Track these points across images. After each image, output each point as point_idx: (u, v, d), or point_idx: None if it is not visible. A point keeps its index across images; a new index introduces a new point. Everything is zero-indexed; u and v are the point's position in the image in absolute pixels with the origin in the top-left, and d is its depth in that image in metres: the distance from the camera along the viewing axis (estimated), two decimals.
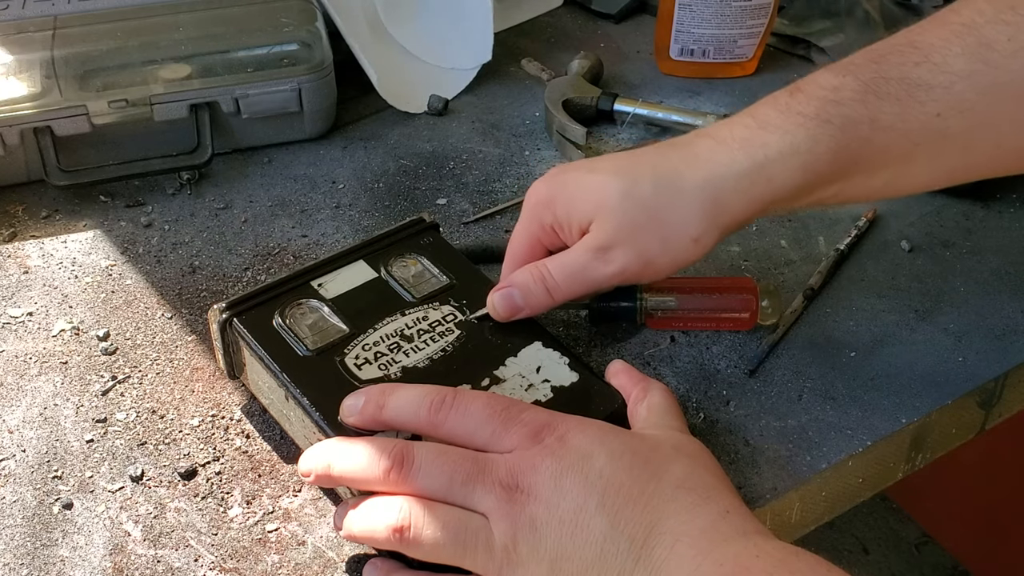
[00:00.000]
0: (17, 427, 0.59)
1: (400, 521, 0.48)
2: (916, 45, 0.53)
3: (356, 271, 0.61)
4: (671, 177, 0.55)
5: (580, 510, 0.46)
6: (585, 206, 0.57)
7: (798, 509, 0.58)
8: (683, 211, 0.55)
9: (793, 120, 0.54)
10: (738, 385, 0.62)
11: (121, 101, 0.75)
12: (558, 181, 0.59)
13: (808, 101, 0.54)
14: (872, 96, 0.53)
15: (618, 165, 0.57)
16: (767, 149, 0.54)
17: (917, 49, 0.52)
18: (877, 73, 0.53)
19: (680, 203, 0.55)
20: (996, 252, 0.71)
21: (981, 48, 0.51)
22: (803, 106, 0.54)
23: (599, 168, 0.58)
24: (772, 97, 0.56)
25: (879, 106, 0.53)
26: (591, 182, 0.57)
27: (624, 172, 0.56)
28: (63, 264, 0.70)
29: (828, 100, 0.53)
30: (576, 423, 0.50)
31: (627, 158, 0.58)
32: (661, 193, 0.55)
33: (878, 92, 0.53)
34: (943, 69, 0.52)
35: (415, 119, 0.85)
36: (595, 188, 0.56)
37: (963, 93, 0.52)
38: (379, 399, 0.52)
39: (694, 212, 0.55)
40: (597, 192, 0.56)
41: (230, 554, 0.53)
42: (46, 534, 0.54)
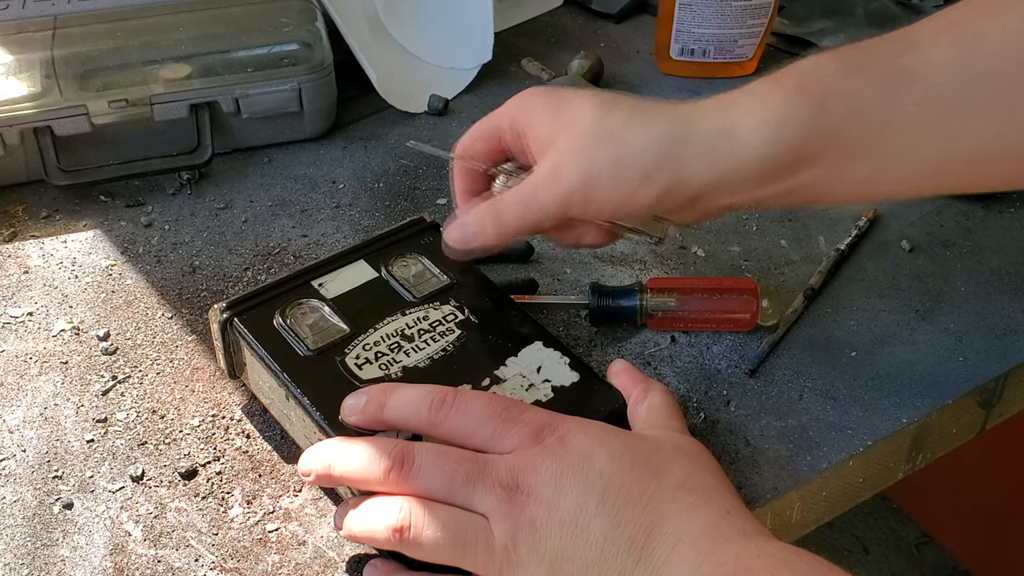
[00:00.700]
0: (17, 427, 0.59)
1: (400, 521, 0.48)
2: (907, 35, 0.53)
3: (356, 271, 0.61)
4: (646, 113, 0.55)
5: (580, 510, 0.46)
6: (555, 121, 0.57)
7: (798, 509, 0.58)
8: (642, 139, 0.54)
9: (770, 88, 0.53)
10: (739, 385, 0.62)
11: (121, 101, 0.75)
12: (546, 95, 0.59)
13: (789, 73, 0.53)
14: (853, 74, 0.52)
15: (602, 97, 0.57)
16: (740, 114, 0.53)
17: (907, 39, 0.52)
18: (863, 57, 0.53)
19: (643, 132, 0.54)
20: (996, 252, 0.71)
21: (972, 40, 0.51)
22: (785, 78, 0.53)
23: (583, 96, 0.58)
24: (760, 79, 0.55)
25: (859, 85, 0.52)
26: (571, 107, 0.57)
27: (605, 102, 0.56)
28: (63, 264, 0.70)
29: (810, 75, 0.53)
30: (576, 423, 0.50)
31: (611, 95, 0.58)
32: (629, 122, 0.55)
33: (860, 71, 0.52)
34: (928, 59, 0.51)
35: (415, 119, 0.85)
36: (571, 109, 0.57)
37: (946, 83, 0.51)
38: (380, 398, 0.52)
39: (652, 145, 0.54)
40: (570, 112, 0.56)
41: (230, 554, 0.53)
42: (46, 534, 0.54)
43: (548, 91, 0.59)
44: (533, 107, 0.58)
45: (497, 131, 0.59)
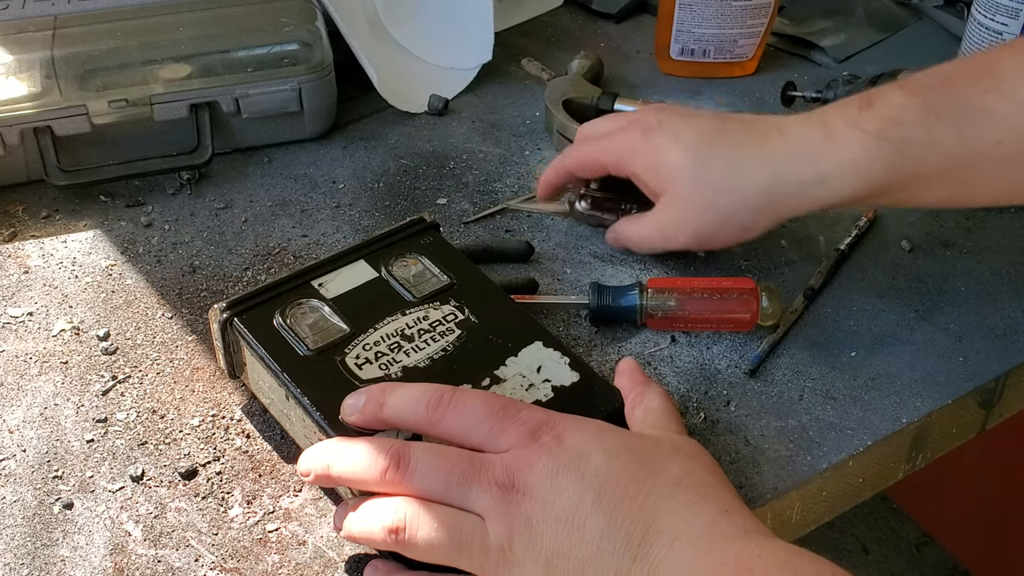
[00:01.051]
0: (17, 427, 0.59)
1: (395, 522, 0.48)
2: (989, 73, 0.55)
3: (356, 271, 0.61)
4: (739, 172, 0.61)
5: (576, 508, 0.46)
6: (659, 178, 0.64)
7: (798, 509, 0.58)
8: (741, 206, 0.61)
9: (856, 136, 0.58)
10: (739, 385, 0.62)
11: (121, 101, 0.75)
12: (651, 141, 0.64)
13: (873, 118, 0.57)
14: (933, 119, 0.55)
15: (698, 144, 0.62)
16: (829, 163, 0.58)
17: (989, 77, 0.55)
18: (944, 97, 0.55)
19: (741, 198, 0.61)
20: (996, 252, 0.71)
21: None
22: (867, 123, 0.57)
23: (682, 141, 0.63)
24: (846, 103, 0.59)
25: (939, 130, 0.55)
26: (671, 158, 0.62)
27: (700, 157, 0.62)
28: (63, 264, 0.70)
29: (891, 119, 0.57)
30: (573, 422, 0.50)
31: (709, 136, 0.62)
32: (726, 186, 0.61)
33: (939, 115, 0.55)
34: (1009, 98, 0.54)
35: (415, 119, 0.85)
36: (672, 165, 0.62)
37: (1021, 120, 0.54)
38: (379, 397, 0.52)
39: (750, 208, 0.61)
40: (673, 171, 0.62)
41: (230, 554, 0.53)
42: (46, 534, 0.54)
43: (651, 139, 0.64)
44: (634, 159, 0.64)
45: (600, 167, 0.67)
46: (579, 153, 0.69)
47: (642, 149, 0.64)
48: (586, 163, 0.69)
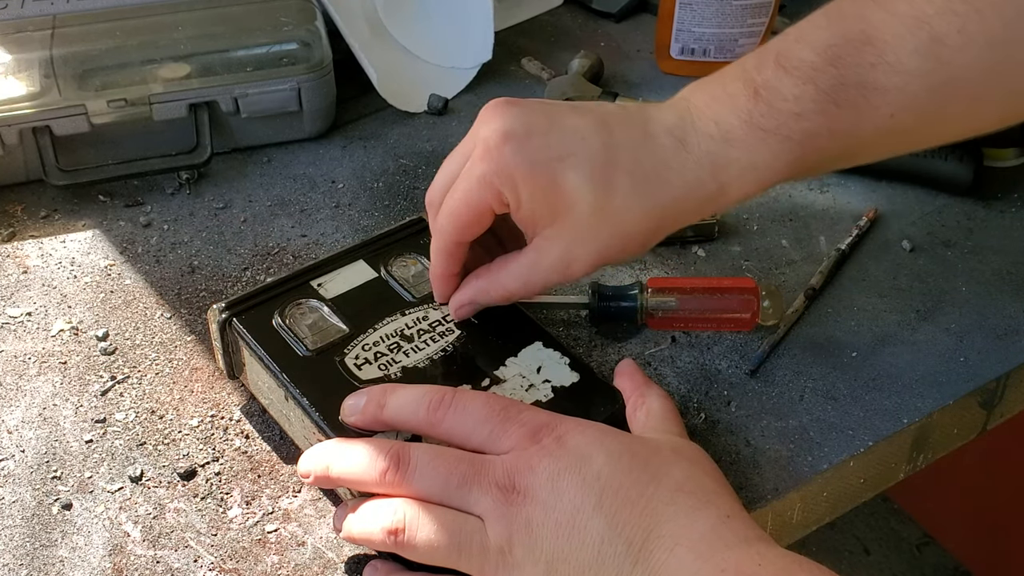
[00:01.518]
0: (16, 427, 0.59)
1: (395, 523, 0.48)
2: (871, 40, 0.52)
3: (356, 271, 0.61)
4: (645, 195, 0.54)
5: (577, 511, 0.46)
6: (550, 205, 0.53)
7: (799, 509, 0.58)
8: (643, 224, 0.54)
9: (756, 137, 0.53)
10: (739, 385, 0.61)
11: (120, 100, 0.75)
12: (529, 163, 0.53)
13: (770, 112, 0.53)
14: (832, 106, 0.52)
15: (596, 165, 0.53)
16: (729, 170, 0.53)
17: (873, 46, 0.52)
18: (834, 78, 0.52)
19: (641, 216, 0.54)
20: (998, 252, 0.71)
21: (932, 44, 0.51)
22: (765, 119, 0.53)
23: (576, 165, 0.53)
24: (727, 90, 0.54)
25: (837, 116, 0.52)
26: (566, 187, 0.53)
27: (602, 180, 0.53)
28: (62, 264, 0.70)
29: (790, 114, 0.52)
30: (575, 424, 0.49)
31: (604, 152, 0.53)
32: (631, 211, 0.54)
33: (837, 101, 0.52)
34: (897, 69, 0.51)
35: (415, 118, 0.85)
36: (567, 197, 0.53)
37: (916, 93, 0.52)
38: (380, 399, 0.52)
39: (654, 228, 0.55)
40: (570, 197, 0.53)
41: (229, 555, 0.52)
42: (45, 534, 0.53)
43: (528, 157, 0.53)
44: (520, 182, 0.53)
45: (485, 207, 0.54)
46: (450, 213, 0.55)
47: (523, 169, 0.52)
48: (466, 218, 0.55)
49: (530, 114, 0.54)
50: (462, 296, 0.58)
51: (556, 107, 0.55)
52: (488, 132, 0.53)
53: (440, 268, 0.57)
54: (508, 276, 0.56)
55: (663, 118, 0.55)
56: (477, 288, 0.58)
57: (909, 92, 0.52)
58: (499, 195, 0.53)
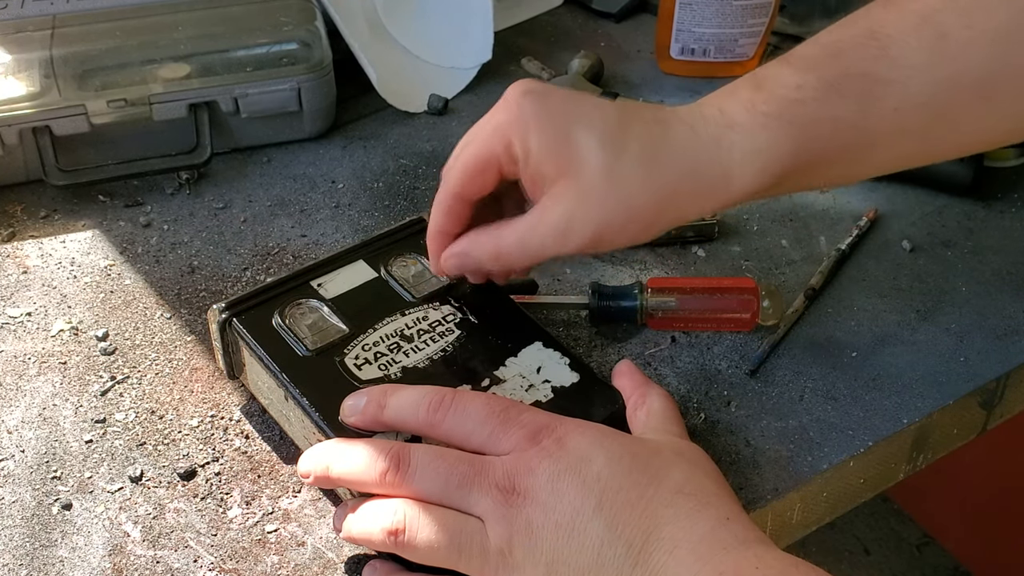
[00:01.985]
0: (16, 427, 0.59)
1: (395, 524, 0.48)
2: (875, 36, 0.52)
3: (356, 271, 0.61)
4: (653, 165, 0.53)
5: (577, 513, 0.46)
6: (559, 160, 0.53)
7: (799, 510, 0.58)
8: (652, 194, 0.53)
9: (758, 121, 0.53)
10: (739, 385, 0.61)
11: (120, 101, 0.75)
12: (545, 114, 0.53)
13: (771, 99, 0.53)
14: (834, 94, 0.52)
15: (608, 127, 0.53)
16: (734, 154, 0.53)
17: (876, 40, 0.52)
18: (837, 69, 0.52)
19: (652, 185, 0.53)
20: (998, 252, 0.71)
21: (937, 40, 0.51)
22: (767, 105, 0.53)
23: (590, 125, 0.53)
24: (733, 88, 0.55)
25: (841, 104, 0.52)
26: (578, 143, 0.52)
27: (612, 142, 0.53)
28: (62, 264, 0.70)
29: (791, 100, 0.52)
30: (575, 425, 0.49)
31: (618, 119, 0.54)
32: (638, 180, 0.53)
33: (840, 90, 0.52)
34: (901, 63, 0.51)
35: (415, 118, 0.85)
36: (579, 147, 0.52)
37: (920, 87, 0.52)
38: (380, 399, 0.52)
39: (660, 199, 0.54)
40: (579, 154, 0.52)
41: (229, 555, 0.52)
42: (45, 535, 0.53)
43: (546, 109, 0.53)
44: (533, 132, 0.53)
45: (493, 159, 0.54)
46: (458, 164, 0.55)
47: (538, 120, 0.53)
48: (472, 168, 0.54)
49: (553, 86, 0.55)
50: (454, 247, 0.57)
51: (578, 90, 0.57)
52: (509, 91, 0.54)
53: (437, 224, 0.56)
54: (506, 231, 0.55)
55: (675, 110, 0.55)
56: (471, 239, 0.56)
57: (913, 87, 0.51)
58: (510, 145, 0.53)
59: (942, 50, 0.51)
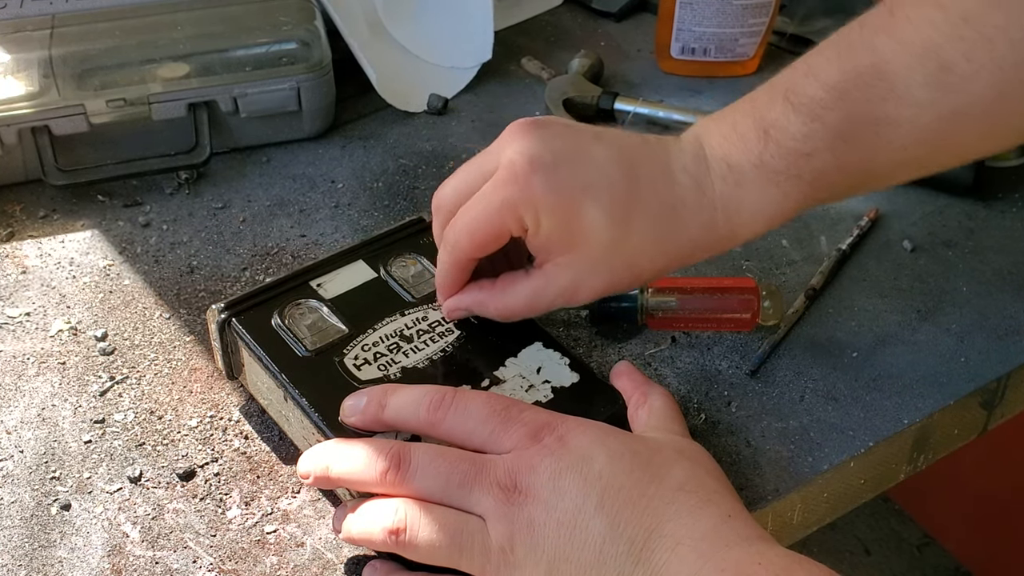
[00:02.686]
0: (15, 428, 0.59)
1: (396, 523, 0.48)
2: (881, 75, 0.51)
3: (355, 271, 0.61)
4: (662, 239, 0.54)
5: (579, 511, 0.46)
6: (570, 235, 0.54)
7: (800, 510, 0.57)
8: (660, 265, 0.56)
9: (766, 177, 0.53)
10: (739, 386, 0.61)
11: (119, 100, 0.75)
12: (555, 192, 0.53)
13: (780, 153, 0.53)
14: (841, 143, 0.52)
15: (616, 201, 0.53)
16: (741, 213, 0.54)
17: (883, 81, 0.51)
18: (846, 116, 0.52)
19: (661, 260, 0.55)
20: (998, 252, 0.71)
21: (942, 73, 0.50)
22: (775, 160, 0.53)
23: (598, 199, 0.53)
24: (738, 131, 0.54)
25: (848, 152, 0.53)
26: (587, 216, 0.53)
27: (620, 218, 0.53)
28: (61, 264, 0.70)
29: (799, 153, 0.53)
30: (576, 424, 0.49)
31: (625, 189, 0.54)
32: (646, 252, 0.55)
33: (847, 138, 0.52)
34: (908, 102, 0.51)
35: (415, 118, 0.85)
36: (589, 224, 0.53)
37: (927, 124, 0.52)
38: (380, 399, 0.52)
39: (663, 265, 0.56)
40: (589, 230, 0.53)
41: (229, 555, 0.52)
42: (44, 535, 0.53)
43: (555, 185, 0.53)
44: (543, 211, 0.53)
45: (504, 231, 0.54)
46: (467, 231, 0.55)
47: (548, 198, 0.52)
48: (481, 240, 0.54)
49: (556, 140, 0.54)
50: (460, 302, 0.58)
51: (581, 134, 0.55)
52: (515, 156, 0.53)
53: (450, 281, 0.57)
54: (512, 296, 0.56)
55: (681, 156, 0.55)
56: (477, 300, 0.57)
57: (920, 124, 0.52)
58: (519, 220, 0.53)
59: (946, 84, 0.50)
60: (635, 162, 0.55)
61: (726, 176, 0.54)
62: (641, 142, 0.56)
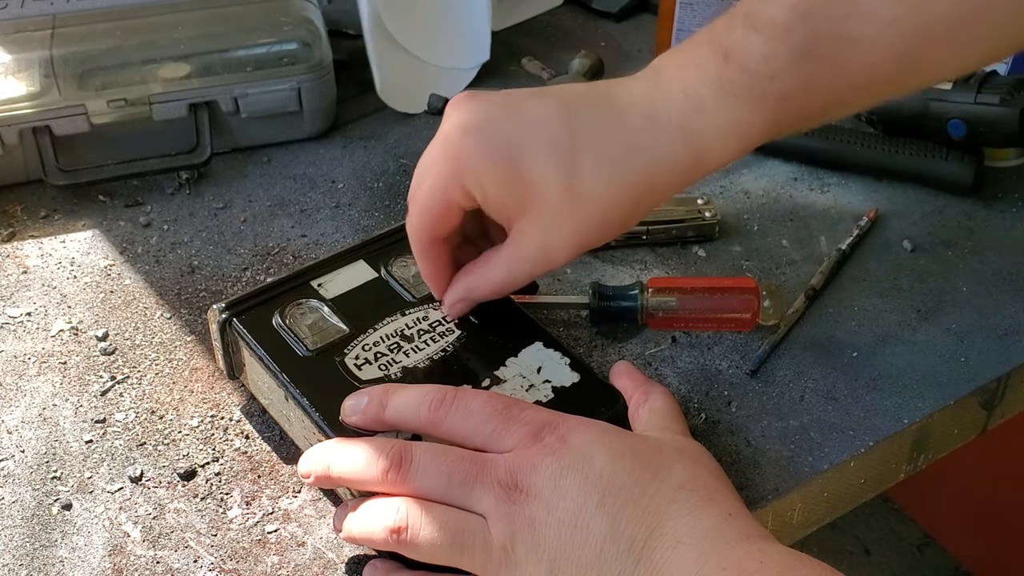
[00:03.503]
0: (16, 427, 0.59)
1: (397, 522, 0.48)
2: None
3: (356, 271, 0.61)
4: (614, 173, 0.52)
5: (580, 510, 0.46)
6: (517, 195, 0.52)
7: (800, 510, 0.57)
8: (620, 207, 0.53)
9: (729, 103, 0.51)
10: (740, 386, 0.61)
11: (120, 100, 0.75)
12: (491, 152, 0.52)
13: (741, 76, 0.51)
14: (804, 63, 0.51)
15: (558, 146, 0.52)
16: (704, 138, 0.52)
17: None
18: (808, 34, 0.50)
19: (619, 201, 0.53)
20: (998, 252, 0.71)
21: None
22: (737, 83, 0.51)
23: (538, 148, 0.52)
24: (696, 56, 0.53)
25: (812, 71, 0.51)
26: (531, 173, 0.52)
27: (566, 161, 0.51)
28: (62, 264, 0.70)
29: (762, 75, 0.51)
30: (577, 423, 0.49)
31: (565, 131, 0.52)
32: (602, 192, 0.52)
33: (810, 58, 0.50)
34: (871, 18, 0.50)
35: (415, 118, 0.85)
36: (534, 183, 0.52)
37: (892, 42, 0.50)
38: (382, 399, 0.52)
39: (629, 207, 0.54)
40: (536, 189, 0.52)
41: (229, 555, 0.52)
42: (45, 535, 0.53)
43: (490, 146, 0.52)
44: (485, 175, 0.52)
45: (452, 204, 0.54)
46: (419, 211, 0.55)
47: (486, 161, 0.52)
48: (431, 216, 0.54)
49: (489, 105, 0.53)
50: (453, 294, 0.58)
51: (517, 95, 0.54)
52: (448, 127, 0.53)
53: (424, 268, 0.57)
54: (493, 270, 0.56)
55: (630, 92, 0.53)
56: (465, 285, 0.57)
57: (885, 41, 0.50)
58: (464, 189, 0.53)
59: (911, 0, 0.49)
60: (573, 107, 0.53)
61: (682, 105, 0.52)
62: (584, 88, 0.54)
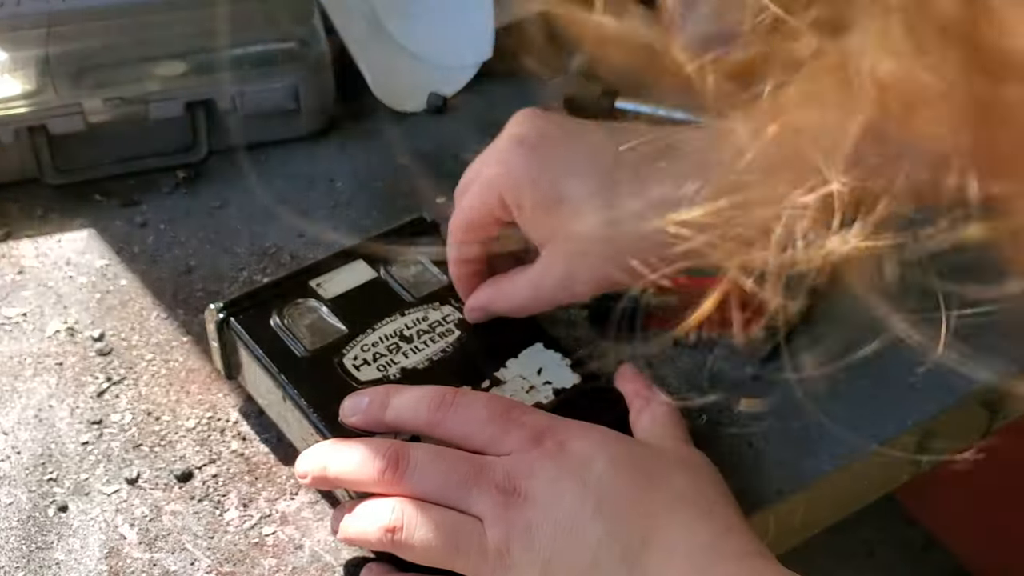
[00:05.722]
0: (11, 429, 0.58)
1: (392, 522, 0.48)
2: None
3: (355, 271, 0.60)
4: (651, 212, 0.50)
5: (576, 515, 0.46)
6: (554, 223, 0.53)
7: (803, 512, 0.57)
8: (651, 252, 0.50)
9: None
10: (741, 387, 0.61)
11: (116, 99, 0.74)
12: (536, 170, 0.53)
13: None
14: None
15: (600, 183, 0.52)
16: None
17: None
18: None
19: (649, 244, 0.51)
20: None
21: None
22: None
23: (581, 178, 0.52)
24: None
25: None
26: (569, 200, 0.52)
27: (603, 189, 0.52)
28: (58, 264, 0.70)
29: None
30: (578, 428, 0.49)
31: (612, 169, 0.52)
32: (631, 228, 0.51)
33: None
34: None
35: (414, 117, 0.85)
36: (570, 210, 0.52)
37: None
38: (383, 399, 0.51)
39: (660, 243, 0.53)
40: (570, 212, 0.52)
41: (226, 558, 0.52)
42: (41, 537, 0.53)
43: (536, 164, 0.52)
44: (524, 189, 0.52)
45: (489, 215, 0.54)
46: (460, 211, 0.56)
47: (529, 177, 0.52)
48: (470, 218, 0.55)
49: (549, 124, 0.54)
50: (474, 300, 0.58)
51: (583, 122, 0.55)
52: (504, 136, 0.55)
53: (453, 268, 0.58)
54: (516, 289, 0.56)
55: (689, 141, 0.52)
56: (488, 295, 0.58)
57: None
58: (501, 200, 0.53)
59: None
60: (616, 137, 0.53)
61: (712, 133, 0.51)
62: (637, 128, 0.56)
